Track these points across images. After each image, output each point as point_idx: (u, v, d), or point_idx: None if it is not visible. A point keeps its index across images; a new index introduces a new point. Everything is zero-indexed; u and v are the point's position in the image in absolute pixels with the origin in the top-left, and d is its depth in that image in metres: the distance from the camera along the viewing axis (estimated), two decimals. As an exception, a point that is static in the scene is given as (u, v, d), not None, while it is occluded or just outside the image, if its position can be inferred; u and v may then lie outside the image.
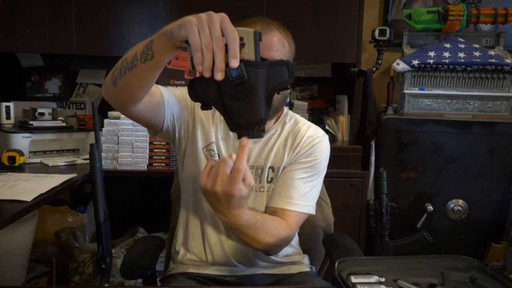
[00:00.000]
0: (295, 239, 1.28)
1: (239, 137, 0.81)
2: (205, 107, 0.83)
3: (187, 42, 0.76)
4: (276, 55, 1.07)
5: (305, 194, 1.13)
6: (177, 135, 1.18)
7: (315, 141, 1.17)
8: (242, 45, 0.75)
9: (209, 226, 1.19)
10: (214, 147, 1.17)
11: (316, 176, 1.17)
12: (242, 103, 0.78)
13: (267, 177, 1.18)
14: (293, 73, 0.80)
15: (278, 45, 1.08)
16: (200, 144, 1.18)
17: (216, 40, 0.73)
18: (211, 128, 1.18)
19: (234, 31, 0.74)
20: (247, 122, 0.80)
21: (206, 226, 1.19)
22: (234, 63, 0.73)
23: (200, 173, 1.15)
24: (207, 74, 0.74)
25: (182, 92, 1.18)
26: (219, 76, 0.74)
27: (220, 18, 0.74)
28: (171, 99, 1.11)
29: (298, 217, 1.11)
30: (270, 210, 1.13)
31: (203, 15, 0.75)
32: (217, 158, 1.17)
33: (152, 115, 1.08)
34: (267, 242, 1.01)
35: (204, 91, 0.81)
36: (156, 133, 1.16)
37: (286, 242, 1.09)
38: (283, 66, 0.79)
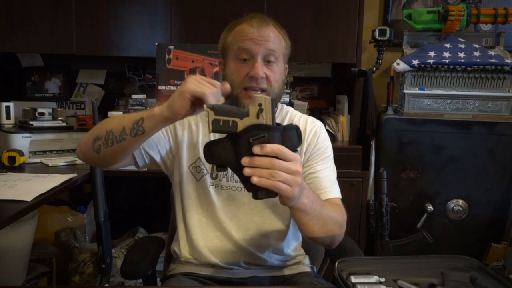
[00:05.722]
0: (299, 240, 1.28)
1: (255, 197, 0.83)
2: (220, 168, 0.87)
3: (210, 108, 0.83)
4: (273, 47, 1.09)
5: (334, 181, 1.18)
6: (158, 160, 1.17)
7: (317, 131, 1.21)
8: (260, 111, 0.80)
9: (206, 230, 1.18)
10: (200, 163, 1.16)
11: (331, 161, 1.21)
12: None
13: None
14: (301, 136, 0.85)
15: (275, 39, 1.10)
16: (186, 162, 1.17)
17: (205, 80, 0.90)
18: (198, 144, 1.17)
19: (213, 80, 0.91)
20: None
21: (203, 230, 1.18)
22: (226, 84, 0.93)
23: (186, 192, 1.17)
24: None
25: None
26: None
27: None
28: None
29: (340, 202, 1.14)
30: None
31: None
32: (205, 173, 1.16)
33: (127, 162, 1.12)
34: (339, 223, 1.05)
35: (220, 153, 0.84)
36: (138, 168, 1.17)
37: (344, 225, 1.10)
38: (294, 130, 0.84)
